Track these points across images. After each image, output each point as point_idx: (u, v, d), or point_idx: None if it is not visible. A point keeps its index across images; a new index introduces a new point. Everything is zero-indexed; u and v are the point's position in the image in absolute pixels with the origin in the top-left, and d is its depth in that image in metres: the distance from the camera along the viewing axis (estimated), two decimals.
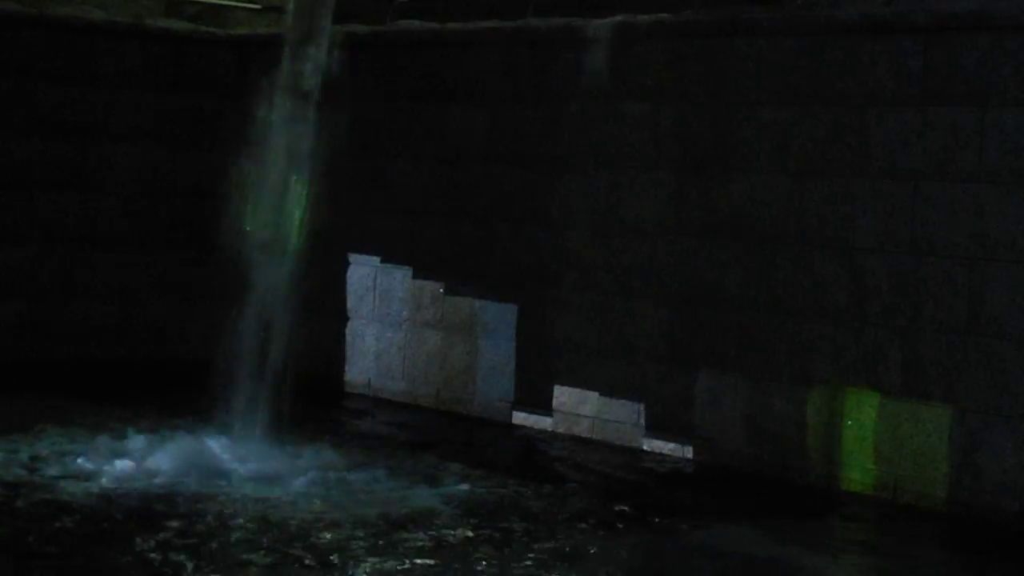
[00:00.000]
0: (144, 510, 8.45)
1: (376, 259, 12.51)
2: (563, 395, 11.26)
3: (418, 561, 7.69)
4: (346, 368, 12.68)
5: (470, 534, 8.26)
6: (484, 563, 7.74)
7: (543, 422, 11.36)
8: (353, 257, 12.63)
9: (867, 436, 9.63)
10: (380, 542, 8.00)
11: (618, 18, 11.15)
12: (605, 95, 11.12)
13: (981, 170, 9.27)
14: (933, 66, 9.49)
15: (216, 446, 9.72)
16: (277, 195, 10.61)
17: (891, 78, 9.67)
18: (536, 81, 11.61)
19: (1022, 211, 9.10)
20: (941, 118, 9.44)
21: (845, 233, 9.83)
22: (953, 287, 9.35)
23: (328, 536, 8.08)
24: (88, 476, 9.10)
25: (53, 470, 9.22)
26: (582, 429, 11.12)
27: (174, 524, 8.13)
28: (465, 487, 9.33)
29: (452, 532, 8.28)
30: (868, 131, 9.77)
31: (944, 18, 9.46)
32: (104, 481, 9.00)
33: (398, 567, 7.57)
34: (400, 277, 12.34)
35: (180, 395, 11.07)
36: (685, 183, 10.67)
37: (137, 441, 9.92)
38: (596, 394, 11.06)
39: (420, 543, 8.03)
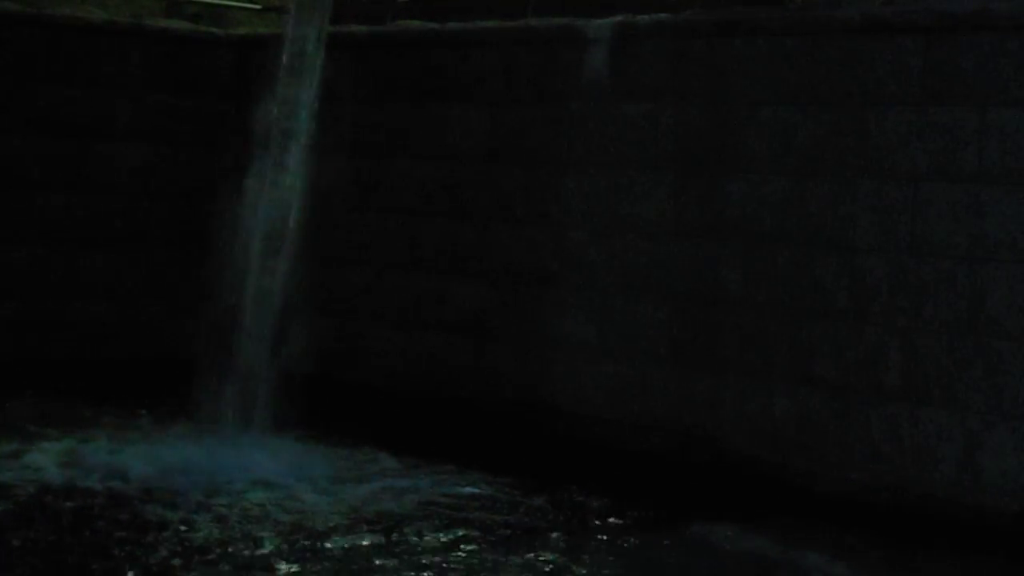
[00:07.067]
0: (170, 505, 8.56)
1: (376, 258, 12.51)
2: (562, 394, 11.27)
3: None
4: (346, 368, 12.68)
5: None
6: None
7: None
8: (352, 256, 12.63)
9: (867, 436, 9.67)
10: None
11: (618, 18, 11.15)
12: (605, 95, 11.12)
13: (981, 170, 9.27)
14: (933, 66, 9.49)
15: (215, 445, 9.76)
16: (277, 195, 10.63)
17: (891, 78, 9.67)
18: (536, 81, 11.61)
19: (1022, 211, 9.11)
20: (941, 118, 9.44)
21: (845, 233, 9.84)
22: (953, 287, 9.35)
23: None
24: (97, 474, 9.16)
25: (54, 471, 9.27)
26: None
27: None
28: None
29: None
30: (868, 131, 9.77)
31: (944, 18, 9.46)
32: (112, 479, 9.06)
33: None
34: (400, 277, 12.35)
35: (178, 395, 11.09)
36: (685, 183, 10.68)
37: (138, 441, 9.96)
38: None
39: None
